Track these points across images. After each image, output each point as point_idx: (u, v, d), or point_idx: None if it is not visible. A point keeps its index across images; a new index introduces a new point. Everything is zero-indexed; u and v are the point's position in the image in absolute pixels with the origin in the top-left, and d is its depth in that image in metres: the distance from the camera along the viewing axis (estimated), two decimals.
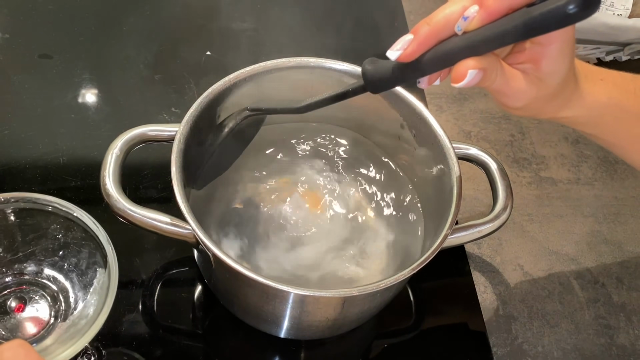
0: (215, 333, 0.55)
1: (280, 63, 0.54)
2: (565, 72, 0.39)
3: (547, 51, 0.37)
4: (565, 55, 0.38)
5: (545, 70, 0.38)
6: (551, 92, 0.40)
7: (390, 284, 0.44)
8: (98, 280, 0.49)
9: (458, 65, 0.36)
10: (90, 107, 0.69)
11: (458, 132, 0.73)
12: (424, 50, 0.36)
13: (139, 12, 0.79)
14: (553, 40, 0.37)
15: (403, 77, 0.38)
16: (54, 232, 0.51)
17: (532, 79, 0.38)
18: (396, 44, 0.37)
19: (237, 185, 0.57)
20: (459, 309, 0.60)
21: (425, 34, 0.36)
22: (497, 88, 0.38)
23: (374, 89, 0.40)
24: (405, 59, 0.37)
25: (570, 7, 0.31)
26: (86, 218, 0.49)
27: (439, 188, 0.52)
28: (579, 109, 0.43)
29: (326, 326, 0.51)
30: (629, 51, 0.82)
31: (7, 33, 0.74)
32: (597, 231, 0.67)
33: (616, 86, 0.44)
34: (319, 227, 0.55)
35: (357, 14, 0.84)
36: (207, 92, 0.52)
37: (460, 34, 0.35)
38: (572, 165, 0.72)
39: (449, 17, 0.35)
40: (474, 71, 0.35)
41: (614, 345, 0.59)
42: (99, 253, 0.49)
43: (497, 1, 0.34)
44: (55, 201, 0.49)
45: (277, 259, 0.53)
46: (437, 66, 0.37)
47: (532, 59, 0.38)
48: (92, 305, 0.48)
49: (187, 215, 0.44)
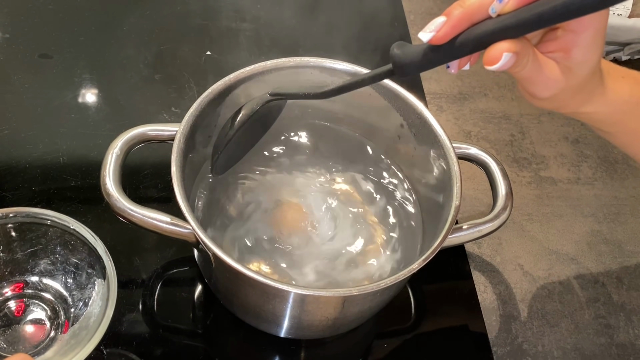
0: (215, 333, 0.55)
1: (280, 63, 0.54)
2: (595, 63, 0.38)
3: (579, 39, 0.37)
4: (597, 44, 0.37)
5: (576, 59, 0.37)
6: (579, 83, 0.39)
7: (390, 283, 0.44)
8: (97, 292, 0.49)
9: (492, 47, 0.35)
10: (90, 107, 0.69)
11: (458, 131, 0.73)
12: (457, 32, 0.35)
13: (139, 12, 0.79)
14: (586, 28, 0.36)
15: (434, 60, 0.37)
16: (53, 245, 0.51)
17: (562, 68, 0.38)
18: (428, 26, 0.36)
19: (234, 184, 0.57)
20: (459, 309, 0.60)
21: (458, 16, 0.35)
22: (527, 75, 0.38)
23: (403, 73, 0.39)
24: (437, 42, 0.36)
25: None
26: (84, 231, 0.49)
27: (439, 187, 0.52)
28: (601, 104, 0.43)
29: (326, 326, 0.51)
30: (629, 51, 0.82)
31: (7, 33, 0.74)
32: (597, 231, 0.67)
33: (637, 83, 0.43)
34: (318, 227, 0.55)
35: (357, 13, 0.84)
36: (207, 92, 0.52)
37: (494, 17, 0.35)
38: (572, 165, 0.72)
39: (483, 1, 0.35)
40: (508, 54, 0.35)
41: (614, 345, 0.59)
42: (97, 265, 0.49)
43: None
44: (53, 215, 0.50)
45: (275, 257, 0.53)
46: (470, 49, 0.36)
47: (563, 47, 0.37)
48: (93, 316, 0.49)
49: (188, 214, 0.44)
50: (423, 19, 0.84)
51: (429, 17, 0.84)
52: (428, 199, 0.56)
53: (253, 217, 0.55)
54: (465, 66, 0.39)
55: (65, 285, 0.51)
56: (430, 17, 0.84)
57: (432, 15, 0.85)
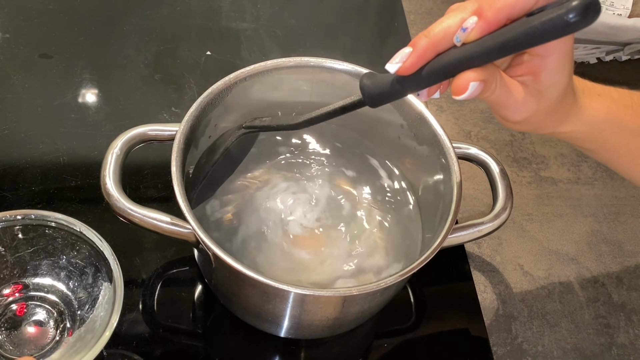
0: (215, 333, 0.55)
1: (280, 63, 0.54)
2: (564, 85, 0.39)
3: (546, 63, 0.37)
4: (565, 66, 0.38)
5: (545, 82, 0.38)
6: (550, 105, 0.39)
7: (390, 283, 0.44)
8: (104, 295, 0.49)
9: (458, 77, 0.35)
10: (90, 106, 0.69)
11: (458, 131, 0.73)
12: (423, 63, 0.36)
13: (139, 12, 0.79)
14: (552, 52, 0.37)
15: (402, 91, 0.38)
16: (59, 248, 0.51)
17: (531, 91, 0.38)
18: (395, 57, 0.36)
19: (234, 186, 0.57)
20: (459, 309, 0.60)
21: (424, 46, 0.35)
22: (497, 100, 0.38)
23: (373, 104, 0.40)
24: (404, 72, 0.36)
25: (571, 16, 0.31)
26: (91, 234, 0.49)
27: (439, 188, 0.52)
28: (578, 123, 0.43)
29: (326, 326, 0.51)
30: (629, 51, 0.82)
31: (7, 33, 0.74)
32: (597, 231, 0.67)
33: (614, 101, 0.44)
34: (316, 227, 0.55)
35: (357, 13, 0.84)
36: (207, 92, 0.52)
37: (459, 46, 0.35)
38: (572, 165, 0.72)
39: (447, 30, 0.35)
40: (475, 83, 0.35)
41: (614, 345, 0.59)
42: (104, 268, 0.49)
43: (496, 12, 0.34)
44: (60, 218, 0.50)
45: (275, 258, 0.53)
46: (437, 78, 0.36)
47: (531, 71, 0.38)
48: (99, 319, 0.48)
49: (187, 215, 0.44)
50: (423, 19, 0.84)
51: (429, 17, 0.84)
52: (428, 199, 0.56)
53: (251, 219, 0.55)
54: (435, 94, 0.39)
55: (71, 289, 0.51)
56: (430, 17, 0.84)
57: (432, 15, 0.85)
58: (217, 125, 0.54)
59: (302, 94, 0.57)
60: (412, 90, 0.38)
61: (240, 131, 0.51)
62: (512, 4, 0.34)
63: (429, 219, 0.56)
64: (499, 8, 0.34)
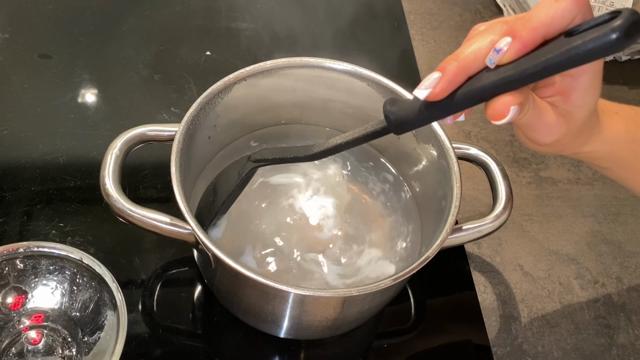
0: (215, 333, 0.55)
1: (280, 63, 0.54)
2: (593, 105, 0.38)
3: (578, 83, 0.36)
4: (596, 87, 0.37)
5: (576, 102, 0.37)
6: (578, 126, 0.38)
7: (390, 283, 0.44)
8: (108, 322, 0.49)
9: (495, 102, 0.34)
10: (90, 107, 0.69)
11: (458, 132, 0.73)
12: (454, 87, 0.34)
13: (139, 12, 0.79)
14: (585, 72, 0.35)
15: (432, 116, 0.36)
16: (63, 277, 0.51)
17: (561, 112, 0.37)
18: (423, 82, 0.35)
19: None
20: (459, 309, 0.60)
21: (453, 70, 0.34)
22: (528, 122, 0.37)
23: (400, 131, 0.38)
24: (434, 98, 0.35)
25: (614, 36, 0.29)
26: (94, 263, 0.49)
27: (439, 188, 0.52)
28: (599, 143, 0.42)
29: (326, 326, 0.51)
30: (629, 51, 0.82)
31: (7, 33, 0.74)
32: (597, 231, 0.67)
33: (631, 119, 0.43)
34: (316, 227, 0.55)
35: (357, 13, 0.84)
36: (207, 92, 0.52)
37: (492, 68, 0.33)
38: (572, 165, 0.72)
39: (477, 53, 0.33)
40: (515, 107, 0.33)
41: (614, 345, 0.59)
42: (107, 296, 0.49)
43: (532, 31, 0.32)
44: (63, 248, 0.49)
45: (276, 257, 0.53)
46: (470, 103, 0.35)
47: (562, 91, 0.36)
48: (104, 346, 0.48)
49: (187, 215, 0.44)
50: (423, 19, 0.84)
51: (429, 17, 0.84)
52: (428, 200, 0.56)
53: (251, 218, 0.55)
54: (461, 117, 0.37)
55: (76, 317, 0.51)
56: (430, 17, 0.84)
57: (432, 15, 0.85)
58: (217, 126, 0.54)
59: (302, 94, 0.57)
60: (443, 116, 0.36)
61: (249, 165, 0.49)
62: (548, 23, 0.32)
63: (428, 219, 0.56)
64: (534, 28, 0.32)
